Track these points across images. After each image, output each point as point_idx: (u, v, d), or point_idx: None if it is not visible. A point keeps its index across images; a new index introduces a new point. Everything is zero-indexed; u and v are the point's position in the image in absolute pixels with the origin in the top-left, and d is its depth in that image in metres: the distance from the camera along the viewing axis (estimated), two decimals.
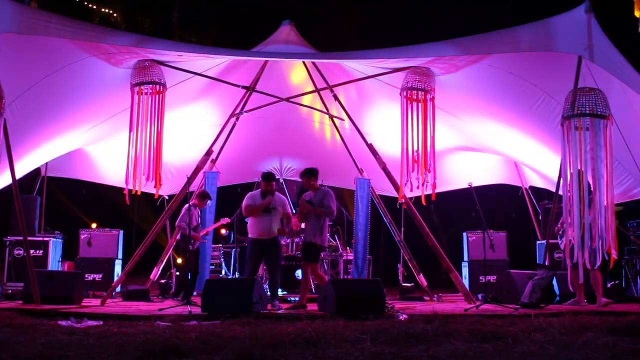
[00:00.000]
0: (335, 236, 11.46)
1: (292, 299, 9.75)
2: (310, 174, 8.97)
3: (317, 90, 11.01)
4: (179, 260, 13.69)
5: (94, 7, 33.80)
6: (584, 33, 7.60)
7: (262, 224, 8.76)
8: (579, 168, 7.35)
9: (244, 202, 9.02)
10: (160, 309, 7.82)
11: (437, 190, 9.16)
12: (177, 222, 10.13)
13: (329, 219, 8.81)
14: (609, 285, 10.24)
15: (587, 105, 7.46)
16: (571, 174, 7.42)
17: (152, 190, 10.00)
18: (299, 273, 9.72)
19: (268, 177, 8.93)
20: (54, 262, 11.07)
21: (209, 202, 10.36)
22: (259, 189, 9.05)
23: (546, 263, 8.59)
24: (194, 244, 9.88)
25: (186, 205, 9.93)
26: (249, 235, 8.88)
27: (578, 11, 7.81)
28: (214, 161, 11.02)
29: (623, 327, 5.28)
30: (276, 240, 8.90)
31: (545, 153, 9.83)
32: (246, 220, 9.09)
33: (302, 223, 9.09)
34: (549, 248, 8.96)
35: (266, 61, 10.51)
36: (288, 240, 10.98)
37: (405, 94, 9.22)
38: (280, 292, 9.77)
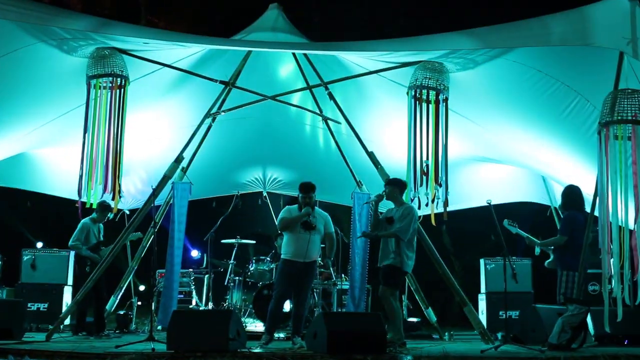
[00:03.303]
0: (329, 262, 11.41)
1: (277, 335, 9.68)
2: (397, 184, 9.05)
3: (309, 88, 11.05)
4: (142, 288, 13.68)
5: None
6: (626, 24, 7.60)
7: (298, 243, 8.82)
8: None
9: (280, 215, 9.16)
10: (116, 346, 7.75)
11: (450, 209, 9.17)
12: (70, 241, 10.26)
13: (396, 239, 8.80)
14: None
15: (629, 109, 7.48)
16: (609, 190, 7.44)
17: (110, 204, 9.97)
18: (286, 306, 9.69)
19: (306, 187, 8.97)
20: None
21: (109, 215, 10.40)
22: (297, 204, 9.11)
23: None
24: (92, 265, 9.96)
25: (82, 221, 10.14)
26: (282, 256, 8.97)
27: None
28: (184, 169, 10.98)
29: None
30: (312, 266, 9.01)
31: (579, 166, 9.85)
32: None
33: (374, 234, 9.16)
34: (582, 279, 8.96)
35: (249, 52, 10.53)
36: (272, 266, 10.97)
37: (413, 93, 9.25)
38: (263, 327, 9.75)
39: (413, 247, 8.85)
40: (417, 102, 9.22)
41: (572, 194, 8.93)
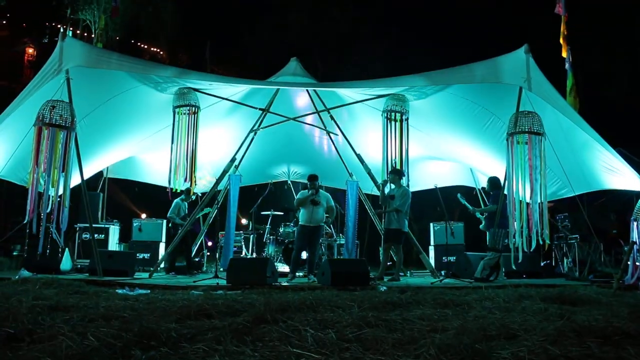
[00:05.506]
0: (331, 226, 11.42)
1: (298, 274, 9.69)
2: (397, 173, 8.85)
3: (317, 112, 11.02)
4: (210, 243, 13.71)
5: (145, 46, 33.90)
6: (523, 69, 7.63)
7: (308, 213, 8.81)
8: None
9: (296, 197, 9.21)
10: (194, 281, 7.82)
11: (411, 190, 9.17)
12: (168, 213, 10.29)
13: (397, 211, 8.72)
14: (542, 264, 10.26)
15: (526, 124, 7.49)
16: (514, 178, 7.45)
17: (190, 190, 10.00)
18: (303, 254, 9.69)
19: (311, 177, 8.96)
20: (113, 243, 11.06)
21: (193, 196, 10.42)
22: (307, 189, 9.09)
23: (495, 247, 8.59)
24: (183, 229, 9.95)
25: (175, 200, 10.17)
26: (300, 222, 8.95)
27: (519, 52, 7.86)
28: (237, 166, 11.01)
29: (552, 296, 5.30)
30: (318, 228, 8.92)
31: (494, 161, 9.84)
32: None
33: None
34: (498, 235, 8.96)
35: (278, 89, 10.54)
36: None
37: (385, 115, 9.25)
38: (288, 269, 9.76)
39: (408, 215, 8.83)
40: (388, 120, 9.23)
41: (496, 180, 8.90)
